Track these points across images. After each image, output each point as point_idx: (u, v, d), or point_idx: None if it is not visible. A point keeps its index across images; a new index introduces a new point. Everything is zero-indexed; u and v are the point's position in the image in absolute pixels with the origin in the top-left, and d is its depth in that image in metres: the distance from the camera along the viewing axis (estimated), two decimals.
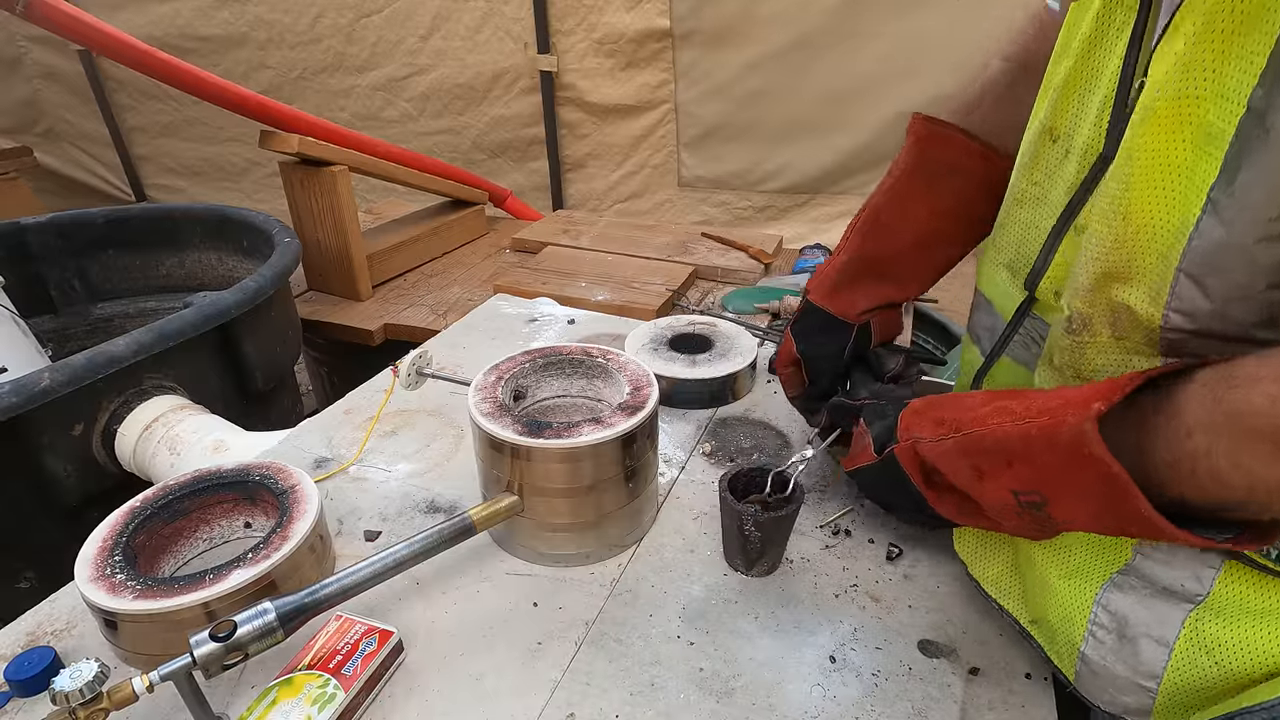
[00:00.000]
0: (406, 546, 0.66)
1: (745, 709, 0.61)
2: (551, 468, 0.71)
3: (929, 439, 0.58)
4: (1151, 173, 0.45)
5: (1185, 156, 0.43)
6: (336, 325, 1.86)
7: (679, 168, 2.57)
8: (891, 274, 0.76)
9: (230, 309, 1.38)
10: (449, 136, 2.80)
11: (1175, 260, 0.44)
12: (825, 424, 0.76)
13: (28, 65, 3.20)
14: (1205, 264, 0.43)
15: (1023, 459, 0.49)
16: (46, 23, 1.53)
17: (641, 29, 2.33)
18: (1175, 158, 0.44)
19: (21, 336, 1.51)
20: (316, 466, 0.94)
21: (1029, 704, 0.62)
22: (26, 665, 0.62)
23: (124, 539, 0.68)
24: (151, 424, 1.20)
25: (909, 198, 0.75)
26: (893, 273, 0.76)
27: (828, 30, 2.15)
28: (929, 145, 0.74)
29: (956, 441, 0.55)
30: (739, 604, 0.72)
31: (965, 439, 0.54)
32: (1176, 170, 0.44)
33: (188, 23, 2.89)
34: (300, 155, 1.81)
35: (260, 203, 3.20)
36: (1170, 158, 0.44)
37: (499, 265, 2.15)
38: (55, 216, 1.84)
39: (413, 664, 0.66)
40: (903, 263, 0.76)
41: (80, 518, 1.21)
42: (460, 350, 1.24)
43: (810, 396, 0.79)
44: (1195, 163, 0.43)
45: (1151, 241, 0.45)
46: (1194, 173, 0.43)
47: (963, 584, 0.74)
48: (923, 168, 0.75)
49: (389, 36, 2.67)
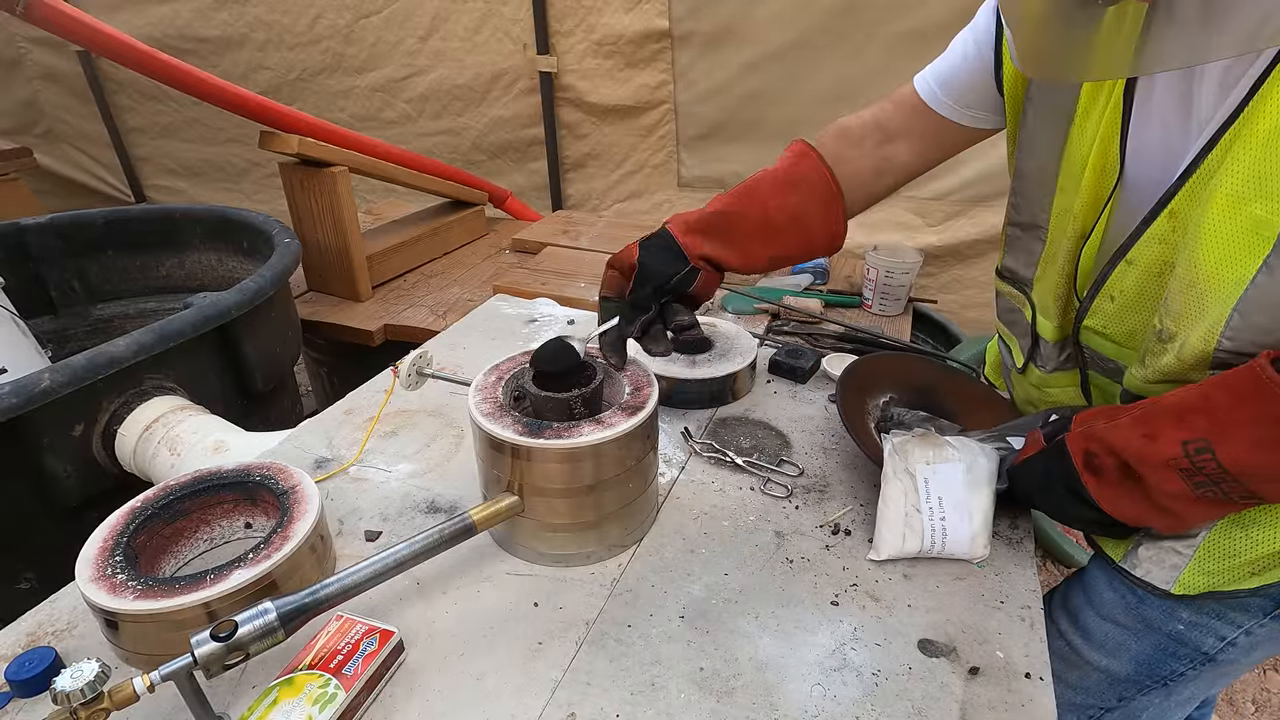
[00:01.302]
0: (407, 546, 0.66)
1: (745, 709, 0.62)
2: (551, 468, 0.71)
3: (1103, 422, 0.68)
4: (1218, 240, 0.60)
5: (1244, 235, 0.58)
6: (336, 326, 1.86)
7: (678, 168, 2.57)
8: (734, 243, 0.86)
9: (230, 310, 1.38)
10: (448, 137, 2.80)
11: (1232, 302, 0.59)
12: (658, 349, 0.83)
13: (28, 66, 3.20)
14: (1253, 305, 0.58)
15: (1199, 411, 0.61)
16: (46, 24, 1.54)
17: (640, 30, 2.33)
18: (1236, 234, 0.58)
19: (21, 337, 1.51)
20: (317, 467, 0.94)
21: (1029, 704, 0.62)
22: (27, 665, 0.62)
23: (125, 539, 0.68)
24: (152, 424, 1.20)
25: (768, 193, 0.88)
26: (735, 243, 0.86)
27: (827, 30, 2.15)
28: (798, 161, 0.90)
29: (1133, 417, 0.65)
30: (739, 604, 0.72)
31: (1143, 412, 0.65)
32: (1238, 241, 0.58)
33: (187, 23, 2.89)
34: (300, 156, 1.82)
35: (260, 203, 3.20)
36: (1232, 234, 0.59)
37: (499, 266, 2.15)
38: (55, 217, 1.84)
39: (413, 664, 0.66)
40: (744, 238, 0.87)
41: (80, 518, 1.21)
42: (460, 350, 1.24)
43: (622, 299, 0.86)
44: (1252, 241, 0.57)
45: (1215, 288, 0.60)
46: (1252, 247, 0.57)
47: (963, 584, 0.74)
48: (786, 176, 0.90)
49: (388, 37, 2.68)
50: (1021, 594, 0.73)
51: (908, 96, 0.90)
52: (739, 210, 0.86)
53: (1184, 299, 0.63)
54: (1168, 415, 0.63)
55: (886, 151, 0.91)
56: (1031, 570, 0.76)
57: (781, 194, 0.88)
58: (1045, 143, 0.77)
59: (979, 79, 0.82)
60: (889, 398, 0.99)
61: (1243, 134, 0.57)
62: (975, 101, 0.85)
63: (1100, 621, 0.79)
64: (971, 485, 0.75)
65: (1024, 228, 0.85)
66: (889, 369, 1.02)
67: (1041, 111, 0.77)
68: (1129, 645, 0.78)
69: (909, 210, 2.30)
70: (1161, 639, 0.75)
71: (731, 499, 0.87)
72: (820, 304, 1.55)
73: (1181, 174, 0.63)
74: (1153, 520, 0.67)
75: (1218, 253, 0.59)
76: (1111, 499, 0.67)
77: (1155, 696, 0.80)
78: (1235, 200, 0.57)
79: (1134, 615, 0.76)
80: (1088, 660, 0.81)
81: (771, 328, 1.45)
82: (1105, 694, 0.82)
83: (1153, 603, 0.75)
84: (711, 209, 0.87)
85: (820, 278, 1.82)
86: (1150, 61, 0.53)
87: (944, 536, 0.75)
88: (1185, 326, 0.63)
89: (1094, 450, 0.67)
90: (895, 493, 0.76)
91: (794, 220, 0.88)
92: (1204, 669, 0.75)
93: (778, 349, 1.18)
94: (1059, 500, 0.71)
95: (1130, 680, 0.79)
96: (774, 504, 0.86)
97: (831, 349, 1.29)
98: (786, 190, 0.88)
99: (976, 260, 2.26)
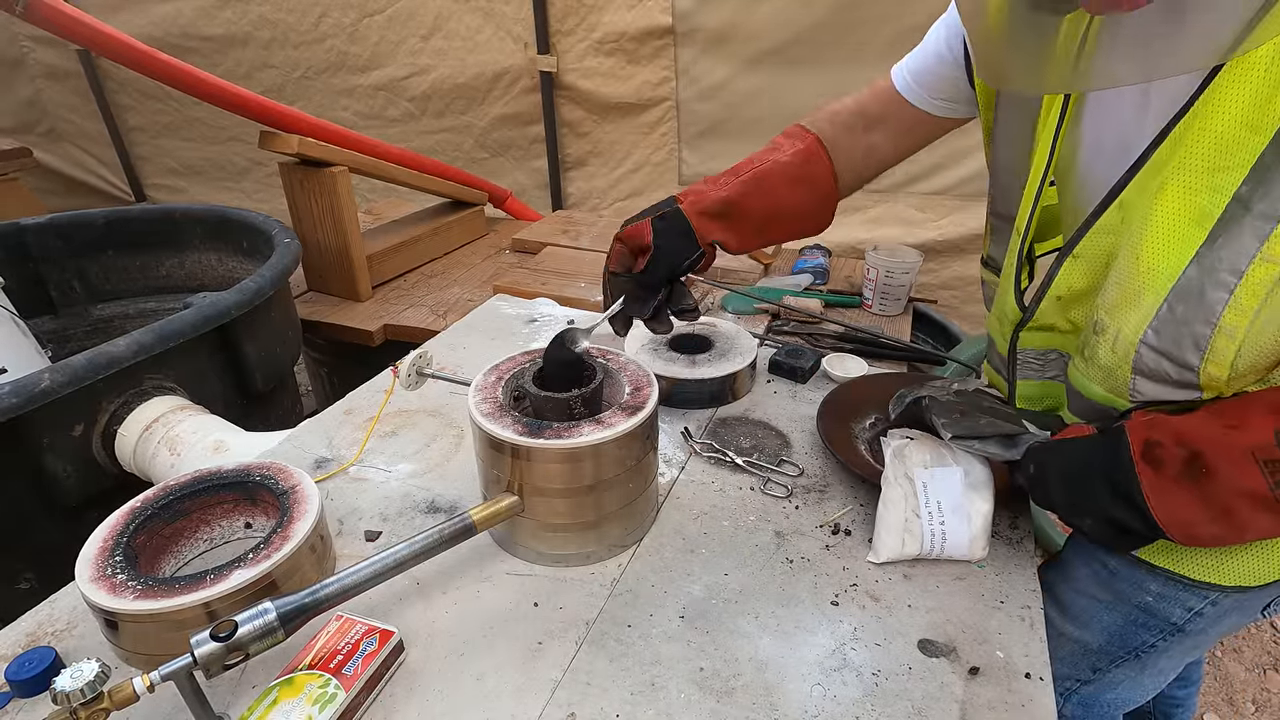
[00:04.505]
0: (407, 546, 0.66)
1: (745, 709, 0.61)
2: (551, 468, 0.71)
3: (1171, 413, 0.63)
4: (1162, 231, 0.60)
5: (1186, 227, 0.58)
6: (336, 326, 1.86)
7: (680, 165, 2.57)
8: (741, 230, 0.89)
9: (230, 309, 1.38)
10: (451, 135, 2.80)
11: (1164, 293, 0.59)
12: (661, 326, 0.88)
13: (30, 65, 3.20)
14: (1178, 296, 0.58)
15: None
16: (46, 24, 1.54)
17: (643, 26, 2.33)
18: (1180, 225, 0.58)
19: (21, 337, 1.51)
20: (317, 467, 0.94)
21: (1029, 704, 0.62)
22: (27, 665, 0.62)
23: (124, 539, 0.68)
24: (151, 424, 1.20)
25: (778, 186, 0.90)
26: (742, 230, 0.89)
27: (829, 27, 2.15)
28: (810, 161, 0.92)
29: (1208, 410, 0.61)
30: (739, 604, 0.72)
31: (1220, 406, 0.61)
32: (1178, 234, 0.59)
33: (190, 22, 2.89)
34: (300, 156, 1.82)
35: (260, 203, 3.20)
36: (1176, 225, 0.59)
37: (499, 266, 2.15)
38: (55, 217, 1.84)
39: (413, 664, 0.66)
40: (750, 226, 0.90)
41: (80, 518, 1.21)
42: (460, 350, 1.24)
43: (632, 278, 0.88)
44: (1192, 232, 0.57)
45: (1152, 279, 0.60)
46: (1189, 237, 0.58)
47: (963, 584, 0.74)
48: (798, 173, 0.91)
49: (391, 36, 2.68)
50: (1021, 594, 0.73)
51: (885, 87, 0.92)
52: (751, 201, 0.89)
53: (1121, 290, 0.63)
54: (1258, 404, 0.59)
55: (871, 139, 0.93)
56: (1031, 570, 0.76)
57: (790, 189, 0.90)
58: (1016, 136, 0.78)
59: (950, 71, 0.83)
60: (874, 419, 0.99)
61: (1194, 126, 0.57)
62: (948, 93, 0.86)
63: (1075, 596, 0.81)
64: (970, 489, 0.75)
65: (1001, 218, 0.86)
66: (869, 392, 1.02)
67: (1011, 105, 0.78)
68: (1100, 616, 0.79)
69: (910, 205, 2.30)
70: (1131, 610, 0.77)
71: (731, 499, 0.87)
72: (820, 304, 1.55)
73: (1133, 164, 0.63)
74: (1203, 527, 0.60)
75: (1160, 243, 0.59)
76: (1165, 497, 0.60)
77: (1128, 669, 0.82)
78: (1185, 191, 0.58)
79: (1106, 588, 0.78)
80: (1061, 632, 0.83)
81: (771, 328, 1.45)
82: (1079, 665, 0.84)
83: (1124, 575, 0.76)
84: (724, 194, 0.88)
85: (820, 278, 1.81)
86: (1099, 77, 0.54)
87: (943, 541, 0.74)
88: (1119, 318, 0.63)
89: (1158, 439, 0.61)
90: (895, 497, 0.76)
91: (796, 214, 0.93)
92: (1173, 640, 0.77)
93: (778, 349, 1.18)
94: (1090, 491, 0.65)
95: (1102, 651, 0.81)
96: (774, 504, 0.86)
97: (831, 349, 1.29)
98: (794, 186, 0.91)
99: (977, 255, 2.26)
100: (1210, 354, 0.57)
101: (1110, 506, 0.64)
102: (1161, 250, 0.59)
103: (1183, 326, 0.58)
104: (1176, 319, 0.58)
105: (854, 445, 0.94)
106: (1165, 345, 0.60)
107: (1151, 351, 0.61)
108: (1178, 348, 0.59)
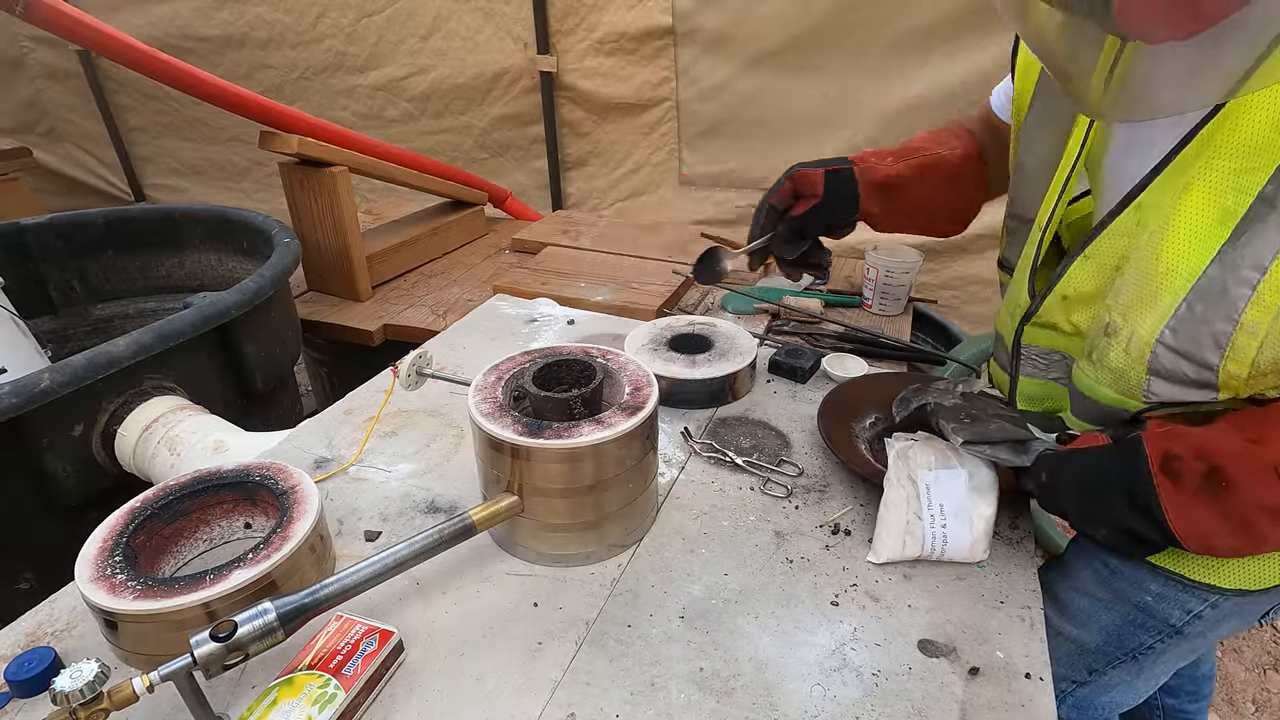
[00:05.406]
0: (407, 546, 0.66)
1: (745, 709, 0.61)
2: (551, 468, 0.71)
3: (1188, 424, 0.63)
4: (1184, 232, 0.60)
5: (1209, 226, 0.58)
6: (336, 325, 1.86)
7: (680, 166, 2.57)
8: (890, 210, 0.93)
9: (230, 309, 1.38)
10: (451, 135, 2.80)
11: (1184, 293, 0.59)
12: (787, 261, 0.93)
13: (30, 65, 3.20)
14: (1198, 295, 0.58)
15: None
16: (46, 24, 1.53)
17: (644, 26, 2.33)
18: (1204, 226, 0.59)
19: (21, 337, 1.51)
20: (316, 467, 0.94)
21: (1029, 704, 0.62)
22: (27, 666, 0.62)
23: (124, 539, 0.68)
24: (151, 424, 1.20)
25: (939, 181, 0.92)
26: (893, 209, 0.93)
27: (829, 28, 2.15)
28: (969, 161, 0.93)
29: (1229, 422, 0.61)
30: (739, 604, 0.72)
31: (1240, 419, 0.61)
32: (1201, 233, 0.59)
33: (188, 23, 2.89)
34: (300, 156, 1.81)
35: (260, 203, 3.20)
36: (1200, 225, 0.59)
37: (499, 265, 2.15)
38: (55, 217, 1.84)
39: (413, 664, 0.66)
40: (900, 209, 0.94)
41: (80, 518, 1.21)
42: (460, 350, 1.24)
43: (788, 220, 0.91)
44: (1216, 232, 0.58)
45: (1171, 279, 0.60)
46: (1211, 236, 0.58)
47: (963, 584, 0.74)
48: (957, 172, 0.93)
49: (390, 36, 2.68)
50: (1021, 594, 0.73)
51: (984, 107, 0.96)
52: (913, 188, 0.91)
53: (1137, 291, 0.63)
54: (1279, 418, 0.60)
55: None
56: (1031, 570, 0.76)
57: (946, 188, 0.94)
58: (1047, 138, 0.78)
59: None
60: (874, 419, 0.99)
61: (1225, 127, 0.58)
62: None
63: (1074, 595, 0.81)
64: (974, 492, 0.75)
65: (1020, 220, 0.86)
66: (869, 392, 1.02)
67: (1046, 107, 0.78)
68: (1099, 616, 0.79)
69: None
70: (1130, 610, 0.77)
71: (731, 499, 0.87)
72: (820, 304, 1.55)
73: (1157, 165, 0.63)
74: (1221, 539, 0.60)
75: (1182, 243, 0.59)
76: (1184, 510, 0.60)
77: (1124, 672, 0.81)
78: (1210, 192, 0.58)
79: (1105, 587, 0.78)
80: (1059, 631, 0.82)
81: (771, 327, 1.45)
82: (1076, 666, 0.84)
83: (1124, 574, 0.76)
84: (894, 172, 0.91)
85: (820, 277, 1.81)
86: (1139, 107, 0.55)
87: (944, 544, 0.74)
88: (1133, 319, 0.64)
89: (1177, 452, 0.61)
90: (898, 499, 0.76)
91: (941, 212, 0.97)
92: (1170, 642, 0.77)
93: (778, 349, 1.17)
94: (1107, 501, 0.65)
95: (1099, 652, 0.81)
96: (774, 504, 0.86)
97: (831, 349, 1.29)
98: (950, 185, 0.93)
99: (978, 255, 2.25)
100: (1231, 351, 0.57)
101: (1127, 517, 0.64)
102: (1183, 250, 0.59)
103: (1202, 325, 0.58)
104: (1196, 318, 0.58)
105: (854, 445, 0.94)
106: (1183, 345, 0.60)
107: (1169, 351, 0.61)
108: (1197, 346, 0.59)
